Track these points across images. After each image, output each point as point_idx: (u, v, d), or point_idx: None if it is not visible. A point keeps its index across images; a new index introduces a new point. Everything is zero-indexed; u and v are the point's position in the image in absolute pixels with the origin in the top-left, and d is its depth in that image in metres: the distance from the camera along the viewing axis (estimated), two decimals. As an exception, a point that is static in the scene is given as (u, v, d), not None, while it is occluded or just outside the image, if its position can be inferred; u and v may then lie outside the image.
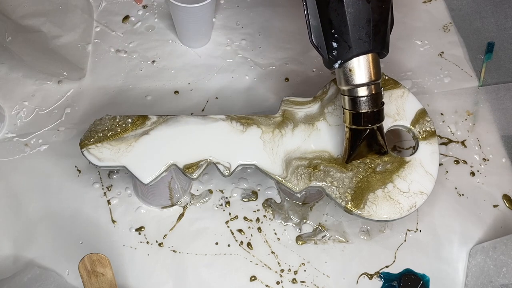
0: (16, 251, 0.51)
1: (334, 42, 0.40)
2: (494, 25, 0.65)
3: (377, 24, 0.40)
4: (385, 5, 0.40)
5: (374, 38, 0.40)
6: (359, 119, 0.42)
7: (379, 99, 0.42)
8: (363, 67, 0.41)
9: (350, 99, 0.42)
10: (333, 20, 0.40)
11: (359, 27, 0.39)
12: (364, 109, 0.42)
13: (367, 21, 0.39)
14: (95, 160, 0.46)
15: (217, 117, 0.49)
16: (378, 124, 0.43)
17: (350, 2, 0.39)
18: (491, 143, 0.59)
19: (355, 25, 0.39)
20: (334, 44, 0.41)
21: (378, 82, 0.42)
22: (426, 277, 0.52)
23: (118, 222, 0.53)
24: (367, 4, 0.39)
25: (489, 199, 0.56)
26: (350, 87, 0.42)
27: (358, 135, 0.43)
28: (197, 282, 0.51)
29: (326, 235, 0.53)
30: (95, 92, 0.60)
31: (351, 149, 0.44)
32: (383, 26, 0.40)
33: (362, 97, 0.41)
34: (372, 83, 0.41)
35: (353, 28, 0.39)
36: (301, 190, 0.47)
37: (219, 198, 0.55)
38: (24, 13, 0.51)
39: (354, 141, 0.44)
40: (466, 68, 0.64)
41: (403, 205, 0.46)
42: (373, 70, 0.41)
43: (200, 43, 0.64)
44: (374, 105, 0.42)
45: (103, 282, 0.41)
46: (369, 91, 0.41)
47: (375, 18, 0.40)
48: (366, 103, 0.42)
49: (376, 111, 0.42)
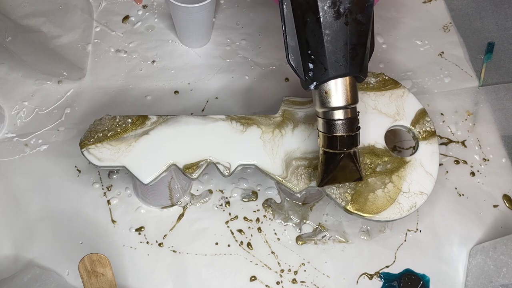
0: (16, 251, 0.51)
1: (310, 63, 0.40)
2: (494, 25, 0.65)
3: (355, 48, 0.39)
4: (364, 29, 0.39)
5: (351, 62, 0.39)
6: (334, 142, 0.41)
7: (355, 123, 0.41)
8: (340, 90, 0.40)
9: (325, 122, 0.41)
10: (310, 41, 0.39)
11: (336, 50, 0.39)
12: (339, 132, 0.41)
13: (345, 44, 0.39)
14: (95, 160, 0.46)
15: (217, 117, 0.49)
16: (354, 149, 0.42)
17: (327, 24, 0.38)
18: (491, 143, 0.59)
19: (332, 47, 0.39)
20: (310, 65, 0.40)
21: (355, 107, 0.41)
22: (426, 277, 0.52)
23: (118, 222, 0.53)
24: (345, 27, 0.38)
25: (489, 199, 0.56)
26: (326, 110, 0.41)
27: (332, 158, 0.42)
28: (197, 282, 0.51)
29: (326, 235, 0.53)
30: (95, 92, 0.60)
31: (325, 173, 0.43)
32: (361, 50, 0.40)
33: (337, 121, 0.40)
34: (348, 107, 0.40)
35: (329, 50, 0.39)
36: (301, 190, 0.47)
37: (219, 198, 0.55)
38: (24, 13, 0.51)
39: (327, 165, 0.42)
40: (466, 68, 0.64)
41: (403, 205, 0.46)
42: (349, 93, 0.40)
43: (200, 43, 0.64)
44: (350, 129, 0.41)
45: (103, 282, 0.41)
46: (345, 115, 0.40)
47: (353, 41, 0.39)
48: (341, 127, 0.41)
49: (351, 135, 0.41)
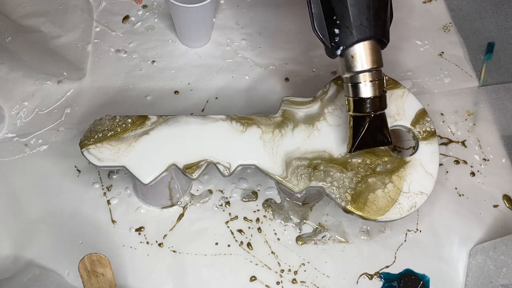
0: (16, 251, 0.51)
1: (336, 28, 0.41)
2: (494, 25, 0.65)
3: (377, 11, 0.41)
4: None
5: (375, 25, 0.41)
6: (362, 105, 0.43)
7: (381, 86, 0.43)
8: (365, 54, 0.41)
9: (352, 86, 0.43)
10: (335, 6, 0.41)
11: (360, 13, 0.41)
12: (365, 95, 0.42)
13: (367, 7, 0.41)
14: (95, 160, 0.46)
15: (217, 117, 0.49)
16: (381, 111, 0.43)
17: None
18: (491, 143, 0.59)
19: (356, 10, 0.40)
20: (336, 31, 0.42)
21: (380, 70, 0.43)
22: (426, 277, 0.52)
23: (118, 222, 0.53)
24: None
25: (489, 199, 0.56)
26: (352, 74, 0.42)
27: (361, 122, 0.43)
28: (197, 282, 0.51)
29: (326, 235, 0.53)
30: (95, 92, 0.60)
31: (355, 137, 0.44)
32: (382, 14, 0.42)
33: (363, 83, 0.42)
34: (373, 70, 0.42)
35: (354, 13, 0.40)
36: (301, 190, 0.46)
37: (219, 198, 0.55)
38: (24, 13, 0.51)
39: (357, 128, 0.44)
40: (466, 68, 0.64)
41: (403, 205, 0.46)
42: (374, 56, 0.42)
43: (200, 43, 0.64)
44: (377, 91, 0.42)
45: (103, 282, 0.41)
46: (370, 77, 0.42)
47: (375, 4, 0.41)
48: (368, 89, 0.42)
49: (378, 96, 0.42)
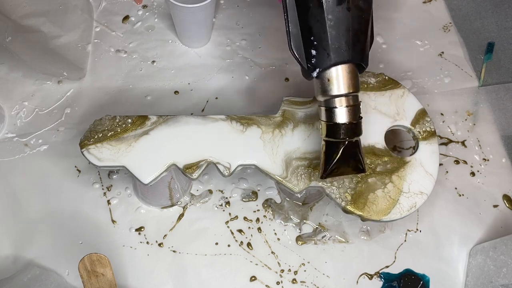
0: (16, 251, 0.51)
1: (313, 49, 0.40)
2: (494, 25, 0.65)
3: (357, 34, 0.39)
4: (365, 16, 0.40)
5: (353, 48, 0.39)
6: (336, 130, 0.41)
7: (357, 112, 0.41)
8: (341, 78, 0.40)
9: (326, 110, 0.41)
10: (313, 27, 0.39)
11: (338, 35, 0.39)
12: (340, 120, 0.40)
13: (347, 30, 0.39)
14: (95, 160, 0.46)
15: (217, 117, 0.49)
16: (356, 137, 0.41)
17: (330, 9, 0.38)
18: (491, 143, 0.59)
19: (334, 32, 0.39)
20: (313, 52, 0.40)
21: (357, 95, 0.41)
22: (426, 277, 0.52)
23: (118, 222, 0.53)
24: (347, 12, 0.39)
25: (489, 199, 0.56)
26: (328, 98, 0.41)
27: (334, 148, 0.41)
28: (197, 282, 0.51)
29: (326, 235, 0.53)
30: (95, 92, 0.60)
31: (327, 163, 0.42)
32: (362, 37, 0.40)
33: (339, 108, 0.40)
34: (350, 95, 0.40)
35: (332, 35, 0.39)
36: (301, 190, 0.46)
37: (219, 198, 0.55)
38: (24, 13, 0.51)
39: (330, 154, 0.42)
40: (466, 68, 0.64)
41: (403, 205, 0.46)
42: (351, 81, 0.40)
43: (200, 43, 0.64)
44: (352, 117, 0.41)
45: (103, 282, 0.41)
46: (347, 102, 0.40)
47: (355, 27, 0.39)
48: (343, 114, 0.40)
49: (354, 123, 0.41)
